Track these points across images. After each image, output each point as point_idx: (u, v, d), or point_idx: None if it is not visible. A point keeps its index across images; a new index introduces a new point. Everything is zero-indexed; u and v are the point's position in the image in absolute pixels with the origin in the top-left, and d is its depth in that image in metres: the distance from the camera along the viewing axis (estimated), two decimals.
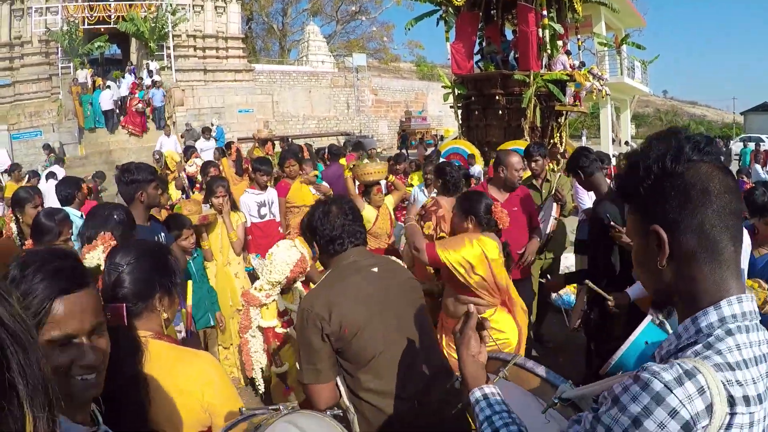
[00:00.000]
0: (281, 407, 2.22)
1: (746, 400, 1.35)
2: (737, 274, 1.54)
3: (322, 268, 4.38)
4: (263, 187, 8.18)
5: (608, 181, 6.48)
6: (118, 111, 27.71)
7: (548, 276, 6.71)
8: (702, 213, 1.50)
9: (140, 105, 26.62)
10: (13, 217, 6.29)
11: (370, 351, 3.14)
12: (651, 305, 1.80)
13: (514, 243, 6.10)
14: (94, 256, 2.95)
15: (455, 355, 2.16)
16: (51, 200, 8.20)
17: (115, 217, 4.03)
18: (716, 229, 1.50)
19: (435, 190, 7.37)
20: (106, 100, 27.15)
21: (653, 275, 1.61)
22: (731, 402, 1.33)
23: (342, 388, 3.28)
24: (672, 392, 1.31)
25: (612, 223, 5.22)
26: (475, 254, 4.66)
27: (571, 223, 8.42)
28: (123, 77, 28.79)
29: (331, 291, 3.20)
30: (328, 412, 2.36)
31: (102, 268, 2.71)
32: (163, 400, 2.38)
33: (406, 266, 3.93)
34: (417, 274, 4.96)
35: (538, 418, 2.09)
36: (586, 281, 4.94)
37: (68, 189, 6.98)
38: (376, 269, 3.35)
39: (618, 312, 4.82)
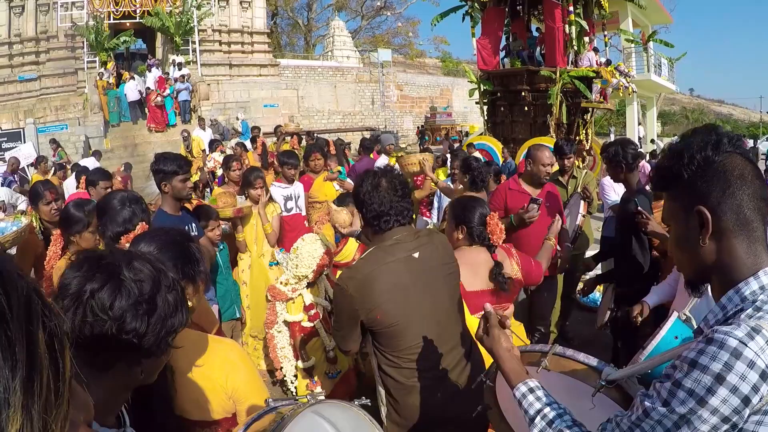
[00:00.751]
0: (308, 397, 2.22)
1: None
2: (766, 249, 1.71)
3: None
4: (290, 181, 8.18)
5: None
6: (143, 103, 27.80)
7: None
8: (739, 195, 1.68)
9: (159, 99, 26.63)
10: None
11: (403, 339, 3.19)
12: (686, 285, 1.84)
13: (540, 242, 5.62)
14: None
15: None
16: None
17: (126, 212, 4.03)
18: (750, 210, 1.68)
19: (461, 186, 7.35)
20: (132, 90, 27.23)
21: (693, 254, 1.77)
22: None
23: (373, 364, 3.39)
24: (747, 346, 1.44)
25: (640, 208, 5.21)
26: None
27: (595, 222, 8.38)
28: (149, 71, 28.86)
29: (369, 273, 3.19)
30: (355, 401, 2.34)
31: None
32: (188, 387, 2.42)
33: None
34: None
35: (583, 405, 2.08)
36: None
37: (95, 176, 7.15)
38: (417, 254, 3.30)
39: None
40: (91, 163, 16.14)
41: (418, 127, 36.60)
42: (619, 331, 5.85)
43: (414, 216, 7.91)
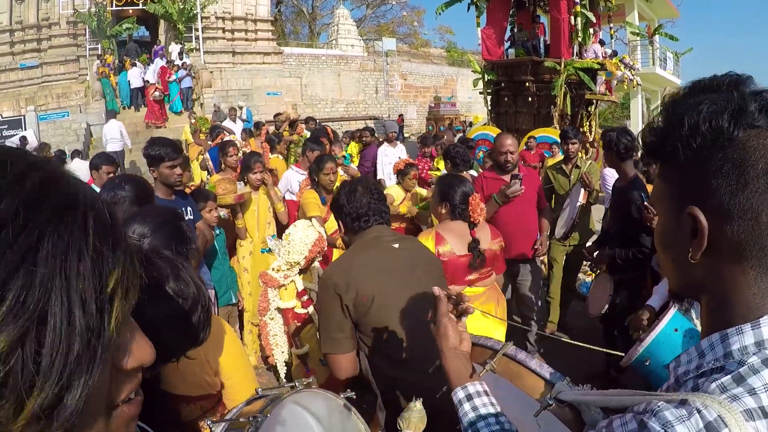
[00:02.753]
0: (297, 383, 2.20)
1: None
2: None
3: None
4: (307, 166, 8.23)
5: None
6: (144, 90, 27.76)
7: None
8: (762, 202, 1.09)
9: (157, 93, 26.52)
10: None
11: (389, 326, 3.16)
12: (671, 295, 1.32)
13: (521, 222, 6.36)
14: None
15: None
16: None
17: (123, 193, 3.96)
18: None
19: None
20: (136, 77, 27.29)
21: (679, 266, 1.26)
22: None
23: (364, 363, 3.34)
24: None
25: (646, 203, 5.22)
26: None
27: (597, 212, 8.34)
28: (152, 62, 28.81)
29: (350, 262, 3.30)
30: (341, 394, 2.30)
31: None
32: (175, 363, 2.40)
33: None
34: None
35: (528, 421, 1.81)
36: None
37: (98, 159, 7.21)
38: (396, 245, 3.39)
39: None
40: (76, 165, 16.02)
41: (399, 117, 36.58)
42: (617, 318, 5.82)
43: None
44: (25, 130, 23.52)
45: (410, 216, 7.57)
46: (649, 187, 6.59)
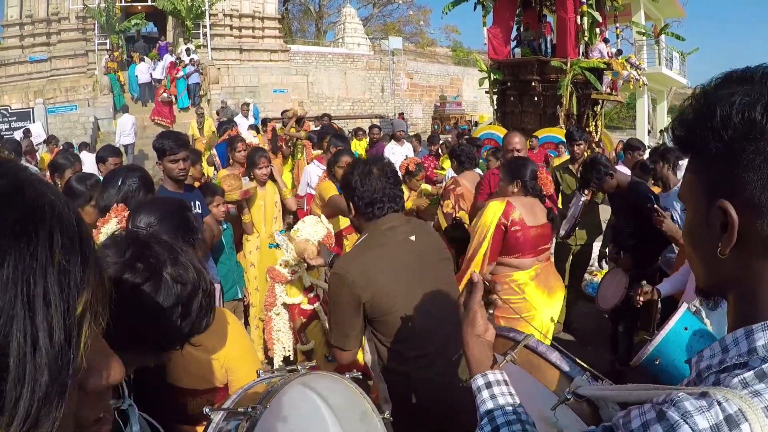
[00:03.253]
0: (299, 367, 2.19)
1: None
2: None
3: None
4: None
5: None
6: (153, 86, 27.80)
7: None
8: None
9: (165, 94, 26.44)
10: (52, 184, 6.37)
11: (404, 323, 3.11)
12: (698, 292, 1.22)
13: None
14: (110, 229, 2.95)
15: None
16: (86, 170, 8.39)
17: (127, 184, 3.92)
18: None
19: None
20: (143, 72, 27.40)
21: (708, 262, 1.23)
22: None
23: (371, 355, 3.35)
24: None
25: (656, 206, 5.32)
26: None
27: (604, 212, 8.35)
28: (159, 59, 28.86)
29: (367, 258, 3.16)
30: (347, 374, 2.29)
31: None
32: (182, 354, 2.40)
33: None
34: None
35: (547, 411, 1.80)
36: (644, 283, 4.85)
37: (105, 152, 7.26)
38: (413, 237, 3.28)
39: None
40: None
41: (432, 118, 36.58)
42: (625, 313, 5.86)
43: None
44: (34, 122, 23.67)
45: (416, 209, 7.59)
46: (656, 189, 6.64)
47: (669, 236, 5.26)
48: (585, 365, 1.97)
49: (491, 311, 1.95)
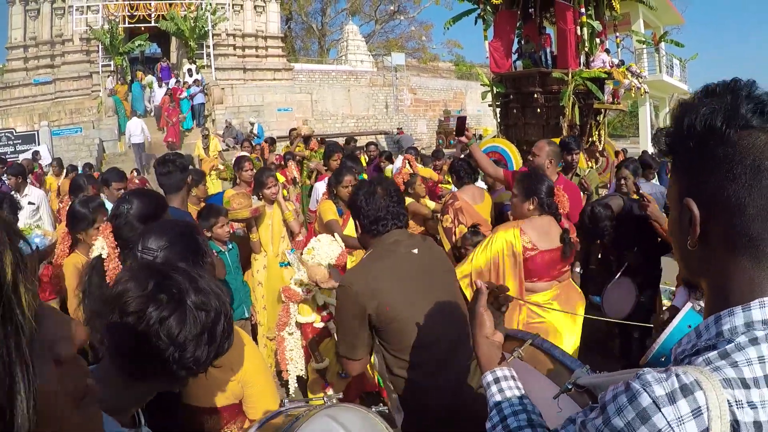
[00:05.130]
0: (324, 399, 2.23)
1: (758, 426, 1.10)
2: None
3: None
4: None
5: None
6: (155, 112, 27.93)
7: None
8: (749, 195, 1.21)
9: (174, 119, 26.31)
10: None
11: (410, 332, 3.22)
12: (684, 283, 1.49)
13: None
14: (98, 246, 3.04)
15: None
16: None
17: (126, 207, 3.91)
18: (763, 218, 1.21)
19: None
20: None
21: (682, 254, 1.37)
22: (735, 427, 1.10)
23: (379, 366, 3.43)
24: (660, 411, 1.11)
25: (642, 192, 5.45)
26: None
27: None
28: (159, 86, 29.06)
29: (372, 270, 3.30)
30: (373, 408, 2.35)
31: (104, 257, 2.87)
32: (202, 375, 2.47)
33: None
34: None
35: (552, 405, 1.94)
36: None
37: (108, 175, 7.42)
38: (416, 251, 3.42)
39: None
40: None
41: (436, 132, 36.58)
42: (642, 319, 5.92)
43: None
44: (39, 145, 23.81)
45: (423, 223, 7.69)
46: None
47: (653, 221, 5.38)
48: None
49: (504, 310, 2.12)
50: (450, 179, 10.94)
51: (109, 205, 5.84)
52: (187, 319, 1.68)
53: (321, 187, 8.61)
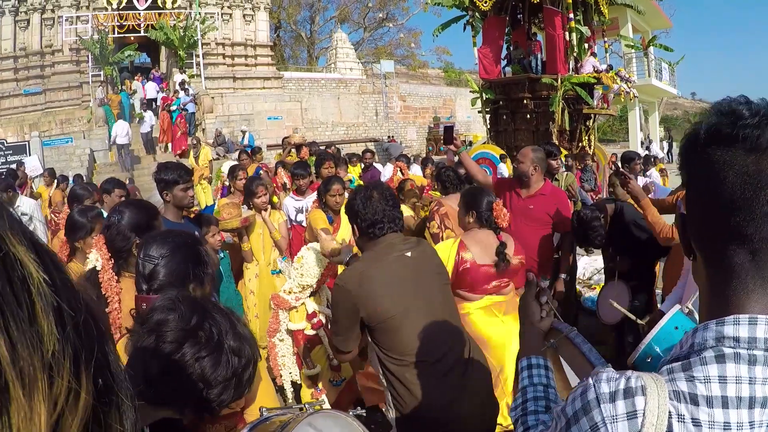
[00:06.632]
0: (307, 406, 2.23)
1: None
2: (762, 290, 1.18)
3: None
4: (302, 192, 8.36)
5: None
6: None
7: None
8: (702, 212, 1.26)
9: (176, 146, 26.05)
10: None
11: (403, 333, 3.35)
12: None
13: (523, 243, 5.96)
14: (92, 259, 3.05)
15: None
16: None
17: (116, 218, 3.72)
18: (716, 234, 1.23)
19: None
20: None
21: (691, 265, 1.37)
22: None
23: (373, 364, 3.56)
24: (599, 406, 1.18)
25: (621, 170, 5.59)
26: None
27: None
28: (145, 110, 29.02)
29: (365, 271, 3.45)
30: (350, 412, 2.35)
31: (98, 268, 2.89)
32: None
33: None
34: None
35: None
36: (611, 301, 5.12)
37: (109, 184, 7.52)
38: (410, 254, 3.55)
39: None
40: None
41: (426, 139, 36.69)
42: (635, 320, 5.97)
43: None
44: (30, 155, 23.67)
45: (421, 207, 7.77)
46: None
47: (633, 197, 5.45)
48: None
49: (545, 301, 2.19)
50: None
51: None
52: (222, 362, 1.71)
53: (287, 203, 8.54)
